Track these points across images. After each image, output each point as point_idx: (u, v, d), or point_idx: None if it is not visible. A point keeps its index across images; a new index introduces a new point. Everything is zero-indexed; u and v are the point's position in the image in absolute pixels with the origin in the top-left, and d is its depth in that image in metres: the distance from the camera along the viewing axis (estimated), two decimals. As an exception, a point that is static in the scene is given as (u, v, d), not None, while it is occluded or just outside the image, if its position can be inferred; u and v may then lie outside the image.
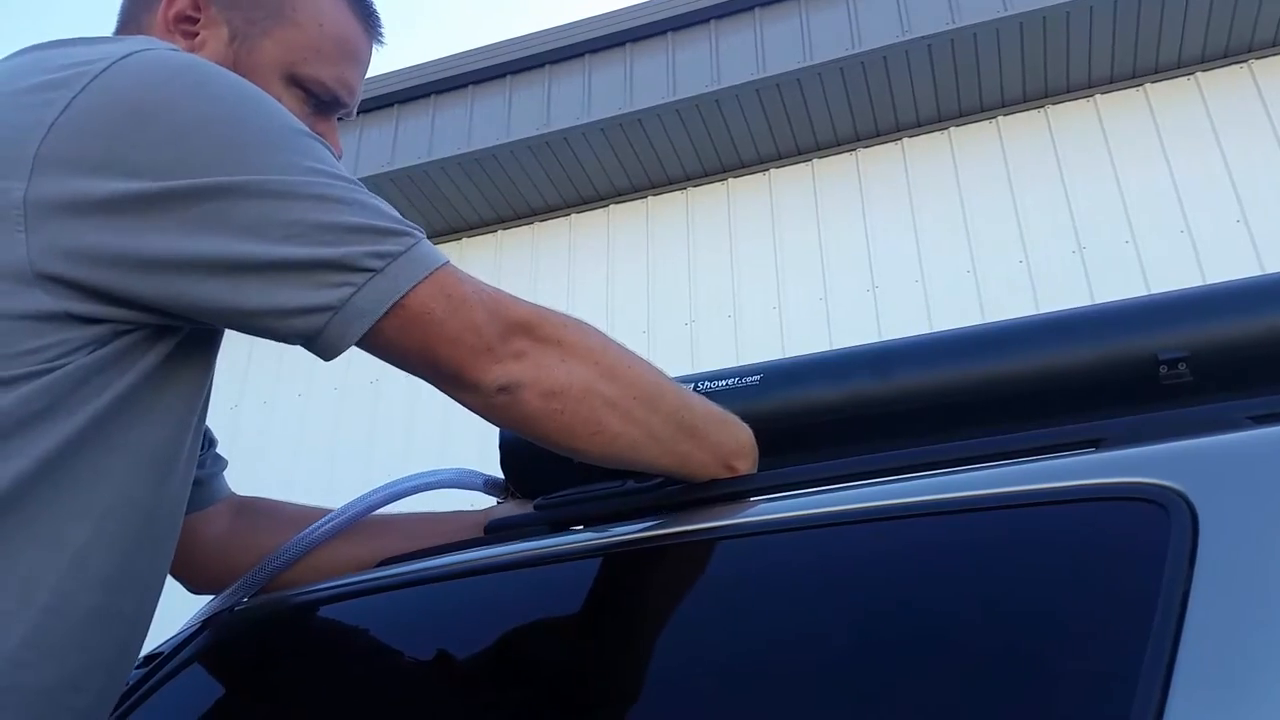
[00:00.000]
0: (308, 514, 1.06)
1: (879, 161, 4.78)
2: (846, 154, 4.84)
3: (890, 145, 4.78)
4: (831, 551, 0.78)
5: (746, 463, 0.92)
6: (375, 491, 1.05)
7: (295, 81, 0.91)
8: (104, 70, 0.73)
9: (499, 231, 5.35)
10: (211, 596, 1.03)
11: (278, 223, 0.72)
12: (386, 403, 4.87)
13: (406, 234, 0.77)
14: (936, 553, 0.75)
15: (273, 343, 0.78)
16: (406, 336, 0.76)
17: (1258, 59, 4.40)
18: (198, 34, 0.89)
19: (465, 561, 0.89)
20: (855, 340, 4.21)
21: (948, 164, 4.67)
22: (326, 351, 0.76)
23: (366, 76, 1.01)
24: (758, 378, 1.04)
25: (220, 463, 1.05)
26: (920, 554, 0.75)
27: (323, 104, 0.94)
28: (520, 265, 5.20)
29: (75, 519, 0.69)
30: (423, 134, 5.00)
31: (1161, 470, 0.73)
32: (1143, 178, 4.40)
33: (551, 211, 5.25)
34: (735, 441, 0.92)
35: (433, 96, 5.10)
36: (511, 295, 0.83)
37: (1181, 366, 0.90)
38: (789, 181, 4.89)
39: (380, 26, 0.97)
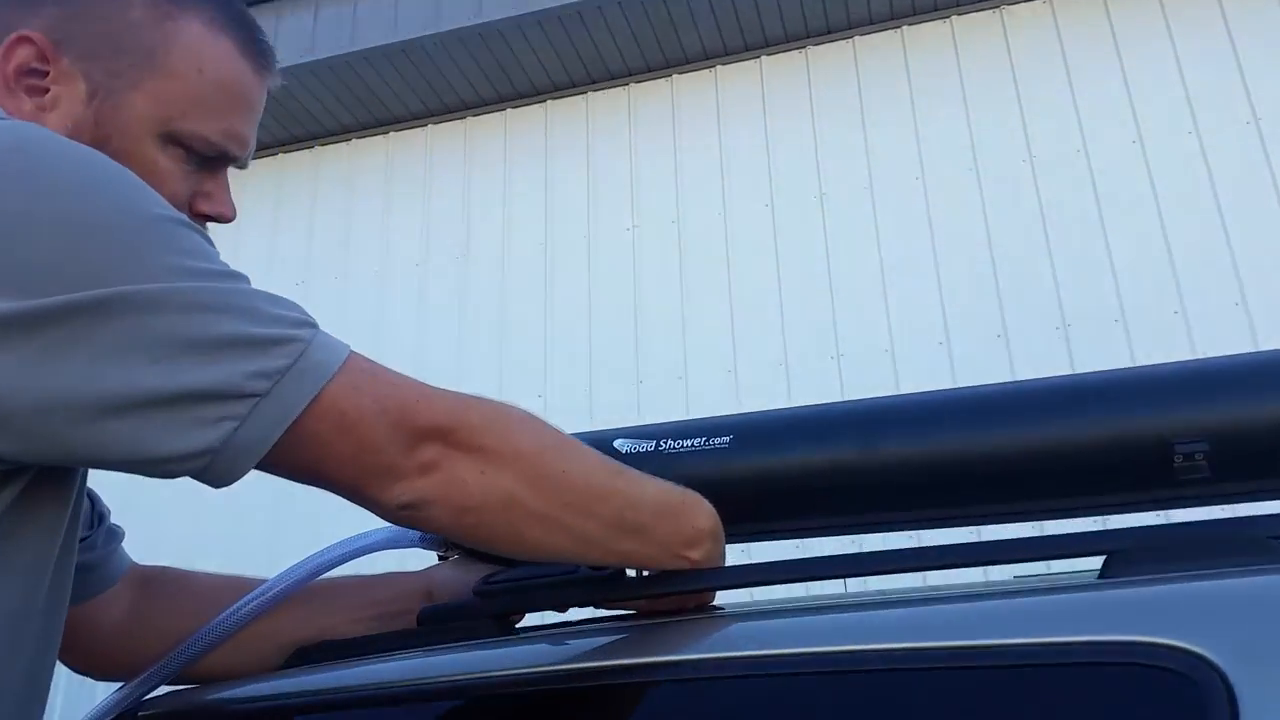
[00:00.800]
0: (222, 586, 0.94)
1: (829, 59, 4.58)
2: (796, 52, 4.62)
3: (841, 44, 4.58)
4: (783, 704, 0.70)
5: (700, 551, 0.83)
6: (301, 565, 0.93)
7: (173, 140, 0.75)
8: None
9: (429, 126, 5.06)
10: (119, 685, 0.92)
11: (139, 346, 0.60)
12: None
13: (294, 339, 0.65)
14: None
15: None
16: (295, 459, 0.67)
17: (1220, -39, 4.25)
18: (48, 89, 0.73)
19: (392, 683, 0.80)
20: (799, 249, 4.09)
21: (899, 65, 4.49)
22: (214, 484, 0.66)
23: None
24: (728, 439, 0.93)
25: (115, 537, 0.92)
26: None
27: (207, 160, 0.78)
28: (452, 162, 4.95)
29: None
30: (345, 22, 4.65)
31: (1185, 628, 0.64)
32: (1096, 85, 4.28)
33: (485, 107, 4.97)
34: (691, 530, 0.83)
35: (355, -20, 4.72)
36: (428, 392, 0.72)
37: (1198, 458, 0.81)
38: (736, 79, 4.67)
39: (272, 62, 0.80)
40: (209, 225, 0.84)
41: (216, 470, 0.64)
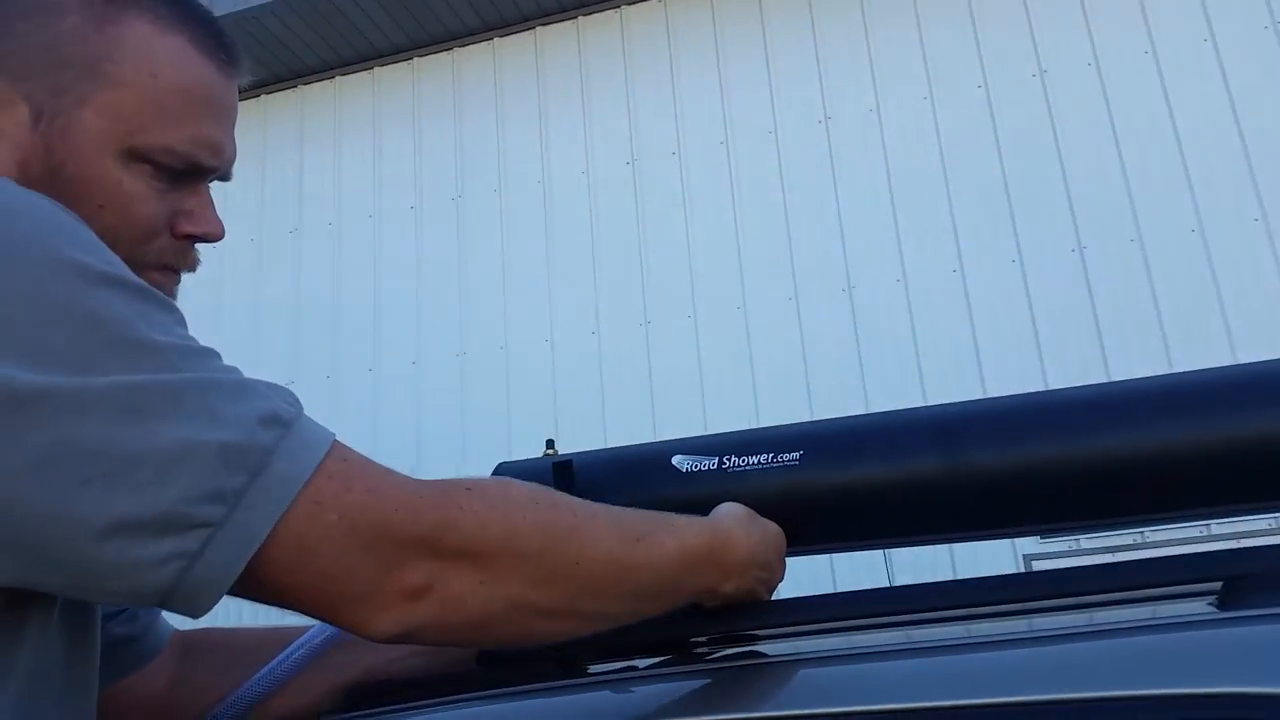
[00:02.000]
0: (267, 639, 0.89)
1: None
2: (794, -31, 4.45)
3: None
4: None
5: (733, 584, 0.77)
6: None
7: (137, 156, 0.66)
8: None
9: (414, 60, 4.90)
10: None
11: (68, 460, 0.50)
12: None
13: (255, 446, 0.55)
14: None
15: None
16: (254, 590, 0.58)
17: None
18: None
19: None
20: (804, 178, 3.96)
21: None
22: (185, 614, 0.57)
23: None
24: (798, 455, 0.87)
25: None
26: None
27: (180, 175, 0.69)
28: (441, 97, 4.80)
29: None
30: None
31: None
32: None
33: (473, 38, 4.80)
34: (721, 570, 0.76)
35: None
36: (409, 494, 0.61)
37: (1324, 471, 0.74)
38: (733, 3, 4.50)
39: (235, 56, 0.70)
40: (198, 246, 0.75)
41: (176, 608, 0.55)
